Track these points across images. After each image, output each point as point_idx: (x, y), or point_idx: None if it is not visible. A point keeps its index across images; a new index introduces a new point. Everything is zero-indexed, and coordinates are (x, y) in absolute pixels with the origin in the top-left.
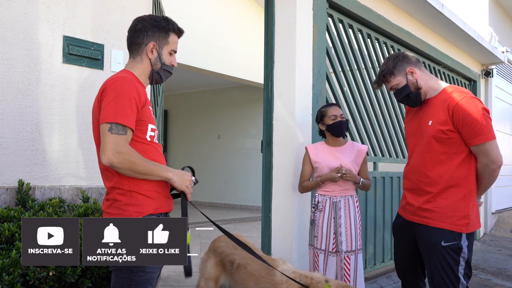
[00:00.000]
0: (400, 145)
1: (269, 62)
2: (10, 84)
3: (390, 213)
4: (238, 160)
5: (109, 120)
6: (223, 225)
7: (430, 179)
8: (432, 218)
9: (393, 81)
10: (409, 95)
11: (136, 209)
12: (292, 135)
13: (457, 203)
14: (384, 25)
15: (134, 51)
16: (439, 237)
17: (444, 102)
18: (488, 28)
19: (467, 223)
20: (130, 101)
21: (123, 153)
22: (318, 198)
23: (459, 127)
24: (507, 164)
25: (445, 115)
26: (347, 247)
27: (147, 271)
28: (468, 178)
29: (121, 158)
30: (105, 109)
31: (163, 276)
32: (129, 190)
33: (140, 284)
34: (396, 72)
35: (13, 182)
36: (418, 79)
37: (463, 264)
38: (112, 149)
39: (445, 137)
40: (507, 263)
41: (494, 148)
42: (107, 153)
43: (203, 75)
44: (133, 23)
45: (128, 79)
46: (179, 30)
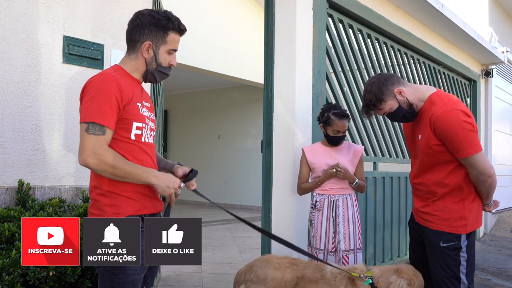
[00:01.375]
0: (400, 145)
1: (269, 62)
2: (10, 84)
3: (390, 213)
4: (238, 160)
5: (86, 119)
6: (222, 225)
7: (426, 187)
8: (431, 221)
9: (386, 107)
10: (405, 114)
11: (114, 210)
12: (292, 135)
13: (453, 205)
14: (384, 25)
15: (130, 47)
16: (439, 238)
17: (427, 116)
18: (488, 28)
19: (465, 224)
20: (110, 99)
21: (99, 154)
22: (316, 197)
23: (443, 141)
24: (507, 164)
25: (428, 130)
26: (345, 246)
27: (128, 273)
28: (463, 182)
29: (97, 160)
30: (83, 109)
31: (163, 276)
32: (108, 190)
33: (122, 286)
34: (385, 97)
35: (13, 182)
36: (407, 97)
37: (464, 263)
38: (87, 149)
39: (432, 152)
40: (507, 263)
41: (479, 160)
42: (82, 154)
43: (203, 75)
44: (133, 16)
45: (109, 77)
46: (180, 28)
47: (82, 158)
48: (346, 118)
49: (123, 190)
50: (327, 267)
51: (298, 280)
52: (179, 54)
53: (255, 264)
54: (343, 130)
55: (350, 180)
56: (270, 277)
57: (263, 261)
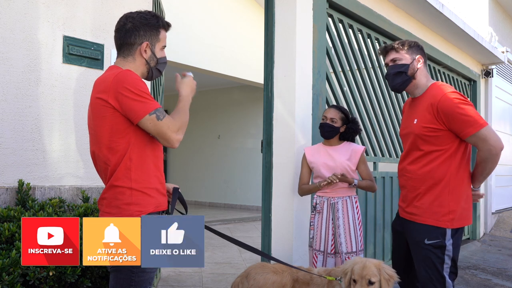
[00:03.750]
0: (400, 145)
1: (269, 62)
2: (10, 84)
3: (390, 213)
4: (238, 160)
5: (149, 110)
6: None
7: (416, 176)
8: (417, 215)
9: (399, 55)
10: (401, 73)
11: (137, 208)
12: (292, 135)
13: (441, 199)
14: (384, 25)
15: (125, 51)
16: (423, 235)
17: (427, 100)
18: (488, 28)
19: (452, 219)
20: (147, 87)
21: (179, 127)
22: (316, 199)
23: (448, 123)
24: (507, 164)
25: (429, 114)
26: (347, 248)
27: (147, 271)
28: (452, 174)
29: (182, 130)
30: (137, 104)
31: (163, 276)
32: (130, 188)
33: (140, 284)
34: (408, 50)
35: (13, 182)
36: (419, 69)
37: (448, 262)
38: (172, 132)
39: (430, 135)
40: (507, 263)
41: (491, 132)
42: (173, 137)
43: (203, 75)
44: (122, 22)
45: (129, 70)
46: (168, 24)
47: (177, 141)
48: (333, 107)
49: (144, 187)
50: (314, 269)
51: (294, 283)
52: (179, 54)
53: (251, 271)
54: (329, 118)
55: (348, 182)
56: (270, 281)
57: (259, 267)
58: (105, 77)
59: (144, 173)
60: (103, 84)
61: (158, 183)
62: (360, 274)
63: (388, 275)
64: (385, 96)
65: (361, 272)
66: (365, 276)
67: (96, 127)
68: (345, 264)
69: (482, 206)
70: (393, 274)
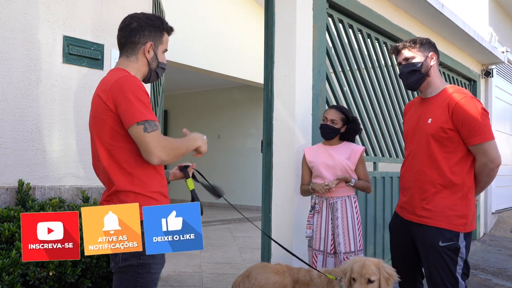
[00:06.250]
0: (400, 145)
1: (269, 62)
2: (10, 84)
3: (390, 213)
4: (238, 160)
5: (138, 119)
6: (222, 225)
7: (428, 177)
8: (430, 218)
9: (412, 53)
10: (415, 71)
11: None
12: (292, 135)
13: (455, 202)
14: (384, 25)
15: (128, 50)
16: (437, 237)
17: (444, 101)
18: (488, 28)
19: (465, 223)
20: (147, 96)
21: (166, 147)
22: (315, 199)
23: (459, 126)
24: (507, 164)
25: (445, 114)
26: (346, 248)
27: (152, 272)
28: (465, 177)
29: (166, 152)
30: (128, 110)
31: (163, 276)
32: (135, 192)
33: (145, 285)
34: (422, 48)
35: (13, 182)
36: (432, 67)
37: (461, 264)
38: (156, 147)
39: (444, 136)
40: (507, 263)
41: (493, 148)
42: (154, 152)
43: (203, 75)
44: (127, 21)
45: (134, 77)
46: (171, 29)
47: (156, 157)
48: (334, 108)
49: (148, 191)
50: (313, 270)
51: (294, 284)
52: (180, 54)
53: (252, 271)
54: (330, 119)
55: (346, 180)
56: (271, 281)
57: (260, 267)
58: (108, 79)
59: (146, 177)
60: (105, 85)
61: (161, 186)
62: (360, 272)
63: (388, 274)
64: (385, 96)
65: (361, 270)
66: (365, 274)
67: (96, 131)
68: (345, 263)
69: (482, 206)
70: (392, 273)
